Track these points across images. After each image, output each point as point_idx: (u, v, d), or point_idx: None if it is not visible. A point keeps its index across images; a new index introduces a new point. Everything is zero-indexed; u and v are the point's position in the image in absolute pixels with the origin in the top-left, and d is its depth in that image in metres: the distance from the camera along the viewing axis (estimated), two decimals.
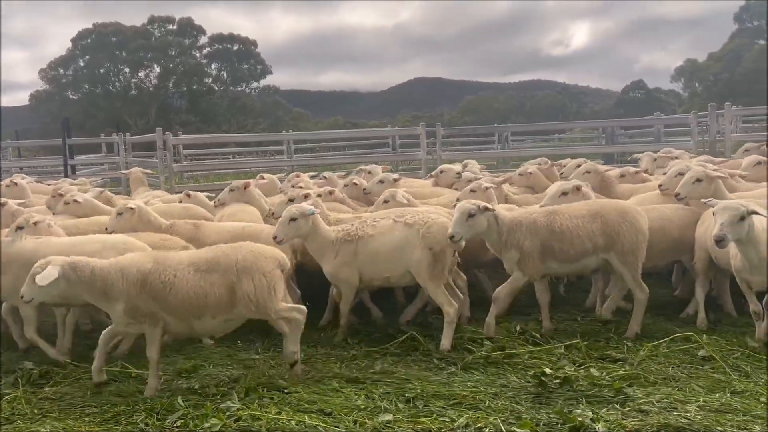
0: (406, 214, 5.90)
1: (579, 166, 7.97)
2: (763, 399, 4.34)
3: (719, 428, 3.91)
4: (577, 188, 6.48)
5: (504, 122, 19.07)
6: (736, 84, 49.29)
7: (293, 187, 8.12)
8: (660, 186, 6.78)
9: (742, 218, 4.84)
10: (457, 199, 6.47)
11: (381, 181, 7.98)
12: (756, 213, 4.85)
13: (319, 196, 6.99)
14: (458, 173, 8.57)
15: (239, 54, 56.54)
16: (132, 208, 6.40)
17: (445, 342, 5.44)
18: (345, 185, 8.21)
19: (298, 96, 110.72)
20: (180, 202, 7.92)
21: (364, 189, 8.06)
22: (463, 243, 5.53)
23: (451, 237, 5.41)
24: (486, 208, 5.57)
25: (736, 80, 50.44)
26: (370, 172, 9.05)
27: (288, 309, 4.96)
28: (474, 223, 5.51)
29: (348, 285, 5.78)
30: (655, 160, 8.72)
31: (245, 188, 7.53)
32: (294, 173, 9.32)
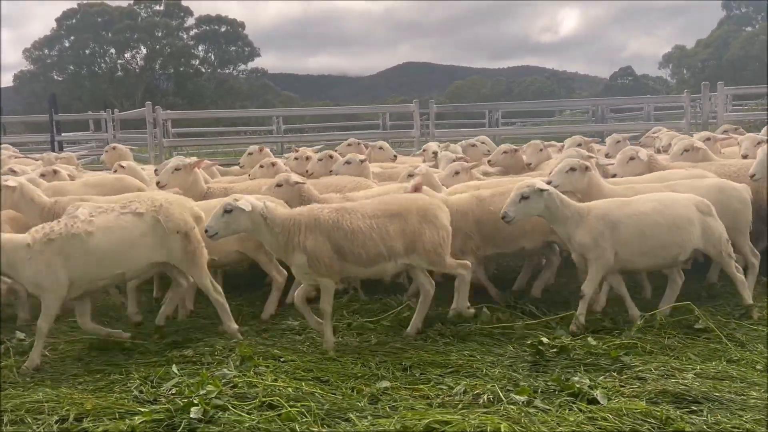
0: (134, 201, 5.24)
1: (579, 145, 7.88)
2: (759, 367, 4.37)
3: (716, 394, 3.92)
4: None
5: (494, 113, 18.87)
6: (724, 70, 49.46)
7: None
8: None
9: (524, 197, 4.98)
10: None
11: (348, 162, 7.64)
12: (543, 189, 5.00)
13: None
14: (434, 153, 8.47)
15: (227, 36, 56.01)
16: (11, 187, 5.84)
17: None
18: (319, 159, 7.95)
19: (286, 79, 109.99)
20: (115, 172, 7.83)
21: (330, 171, 7.66)
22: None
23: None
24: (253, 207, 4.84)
25: (724, 67, 50.66)
26: (381, 148, 8.86)
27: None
28: (231, 222, 4.84)
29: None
30: (618, 142, 8.54)
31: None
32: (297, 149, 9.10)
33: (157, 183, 6.67)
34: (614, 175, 6.50)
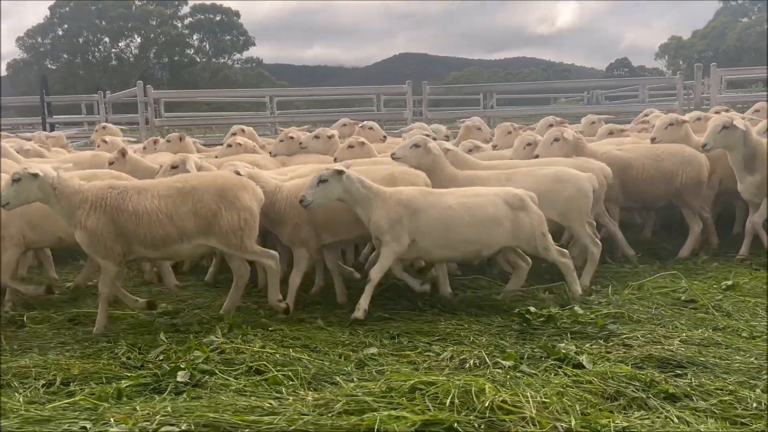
0: None
1: (551, 125, 7.76)
2: (744, 334, 4.40)
3: (701, 358, 3.95)
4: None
5: (489, 98, 18.89)
6: (720, 61, 49.32)
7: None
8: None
9: (322, 181, 4.88)
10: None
11: (316, 137, 7.58)
12: (341, 172, 4.92)
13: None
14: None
15: (221, 25, 55.74)
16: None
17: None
18: (281, 140, 7.79)
19: (281, 70, 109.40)
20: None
21: (300, 143, 7.56)
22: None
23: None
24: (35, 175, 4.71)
25: (720, 58, 50.61)
26: (371, 128, 8.80)
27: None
28: (21, 191, 4.74)
29: None
30: (593, 123, 8.48)
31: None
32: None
33: None
34: (536, 156, 6.43)
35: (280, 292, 5.08)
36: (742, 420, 3.29)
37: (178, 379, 3.81)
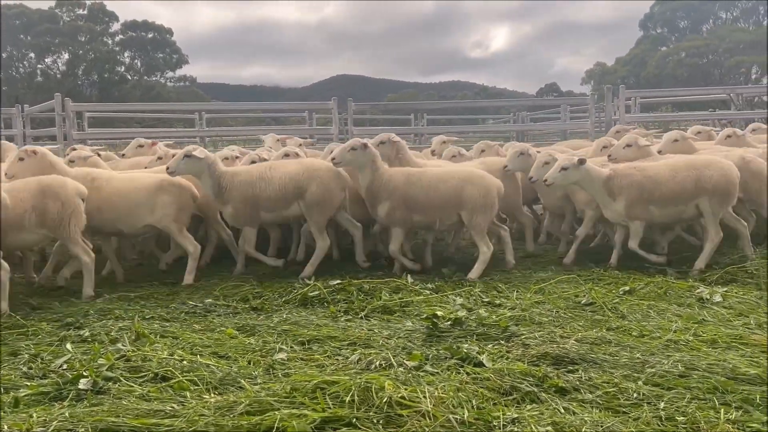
0: None
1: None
2: (634, 333, 4.67)
3: (592, 355, 4.18)
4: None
5: (420, 118, 19.36)
6: (642, 87, 52.04)
7: None
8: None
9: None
10: None
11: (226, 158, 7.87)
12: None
13: None
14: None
15: (154, 42, 54.86)
16: None
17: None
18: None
19: (217, 89, 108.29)
20: None
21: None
22: None
23: None
24: None
25: (642, 84, 53.22)
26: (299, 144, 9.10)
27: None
28: None
29: None
30: (444, 143, 9.00)
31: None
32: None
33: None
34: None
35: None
36: (624, 409, 3.51)
37: (80, 386, 3.76)
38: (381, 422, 3.31)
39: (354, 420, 3.30)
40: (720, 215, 6.50)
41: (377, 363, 4.11)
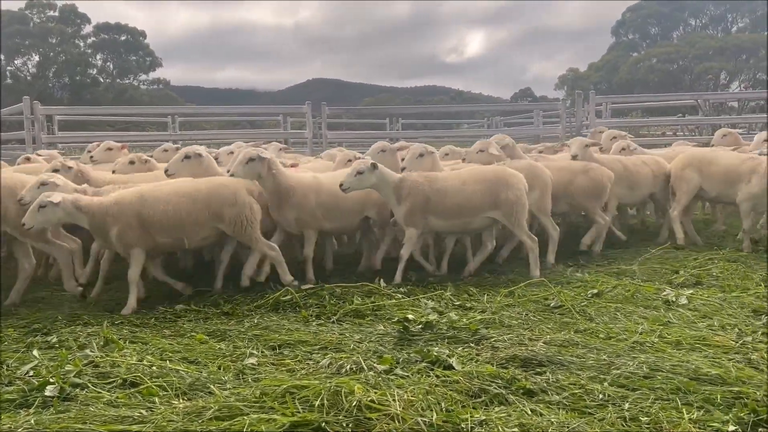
0: None
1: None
2: (601, 335, 4.75)
3: (560, 357, 4.25)
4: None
5: (395, 123, 19.48)
6: (614, 92, 52.75)
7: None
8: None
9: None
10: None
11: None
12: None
13: None
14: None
15: (127, 45, 54.18)
16: None
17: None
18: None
19: (191, 92, 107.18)
20: None
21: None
22: None
23: None
24: None
25: (614, 89, 53.97)
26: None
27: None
28: None
29: None
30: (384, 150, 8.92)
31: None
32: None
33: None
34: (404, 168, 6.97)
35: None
36: (589, 410, 3.57)
37: (47, 393, 3.72)
38: (350, 426, 3.33)
39: (323, 424, 3.32)
40: (521, 226, 6.53)
41: (348, 367, 4.13)
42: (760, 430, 3.33)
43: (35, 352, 4.41)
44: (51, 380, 3.83)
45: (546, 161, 7.81)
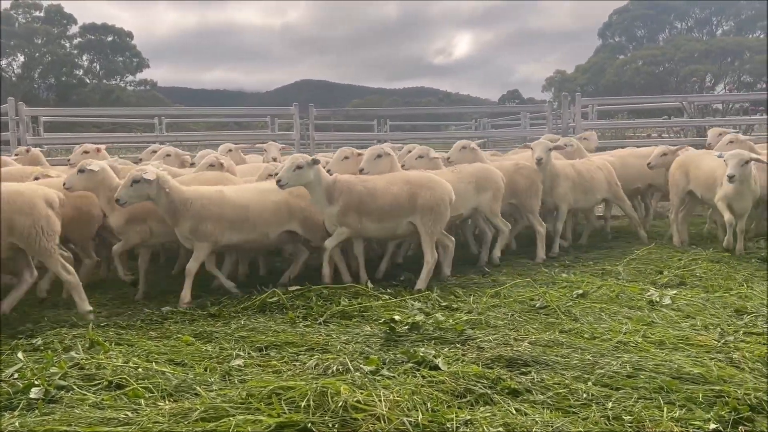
0: None
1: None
2: (585, 335, 4.80)
3: (545, 357, 4.28)
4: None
5: (383, 124, 19.54)
6: (600, 94, 53.12)
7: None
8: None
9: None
10: None
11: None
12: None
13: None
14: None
15: (113, 45, 53.86)
16: None
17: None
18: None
19: (178, 93, 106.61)
20: None
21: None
22: None
23: None
24: None
25: (600, 92, 54.32)
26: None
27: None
28: None
29: None
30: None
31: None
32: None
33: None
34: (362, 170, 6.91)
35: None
36: (573, 410, 3.61)
37: (31, 395, 3.71)
38: (336, 426, 3.34)
39: (309, 424, 3.33)
40: (435, 234, 6.43)
41: (334, 368, 4.14)
42: (740, 428, 3.37)
43: (20, 355, 4.39)
44: (36, 382, 3.82)
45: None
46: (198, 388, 3.84)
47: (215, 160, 7.50)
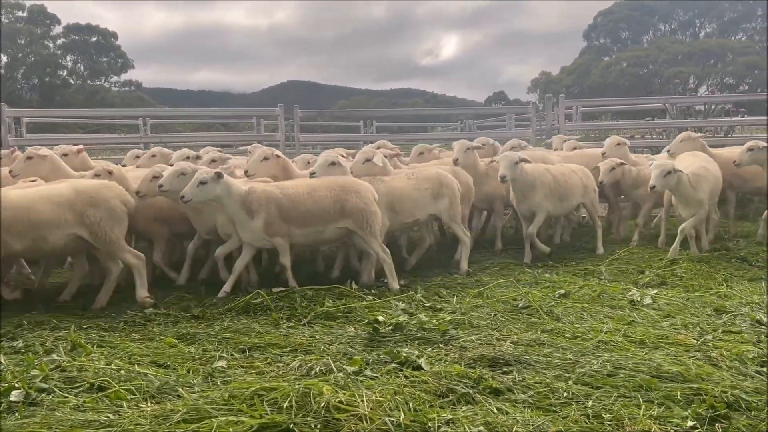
0: None
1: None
2: (567, 335, 4.84)
3: (526, 357, 4.32)
4: None
5: (369, 125, 19.59)
6: (586, 96, 53.49)
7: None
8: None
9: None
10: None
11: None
12: None
13: None
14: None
15: (98, 46, 53.47)
16: None
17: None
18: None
19: (164, 94, 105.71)
20: None
21: None
22: None
23: None
24: None
25: (585, 93, 54.70)
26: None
27: None
28: None
29: None
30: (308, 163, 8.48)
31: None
32: None
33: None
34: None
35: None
36: (554, 408, 3.64)
37: (12, 398, 3.69)
38: (318, 426, 3.36)
39: (292, 425, 3.34)
40: (374, 237, 6.36)
41: (317, 369, 4.15)
42: (717, 425, 3.42)
43: (1, 357, 4.36)
44: (16, 385, 3.80)
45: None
46: (180, 389, 3.84)
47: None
